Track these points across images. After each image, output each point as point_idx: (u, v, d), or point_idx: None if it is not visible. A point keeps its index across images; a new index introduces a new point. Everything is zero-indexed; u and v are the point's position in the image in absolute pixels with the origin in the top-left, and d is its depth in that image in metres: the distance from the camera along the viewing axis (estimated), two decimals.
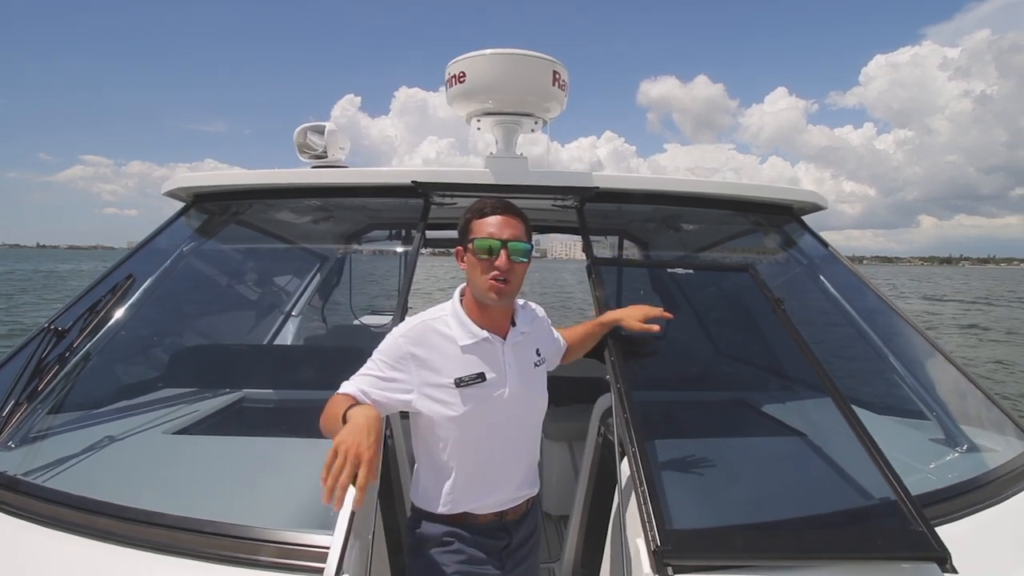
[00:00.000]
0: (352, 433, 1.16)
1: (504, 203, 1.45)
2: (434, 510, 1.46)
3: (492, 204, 1.44)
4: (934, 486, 1.73)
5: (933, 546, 1.33)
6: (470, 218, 1.45)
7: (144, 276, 2.51)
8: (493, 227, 1.40)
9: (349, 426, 1.18)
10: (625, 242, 3.99)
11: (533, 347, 1.55)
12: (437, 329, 1.43)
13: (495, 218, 1.42)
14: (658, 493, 1.43)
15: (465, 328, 1.43)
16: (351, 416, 1.22)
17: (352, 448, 1.12)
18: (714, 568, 1.31)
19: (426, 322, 1.44)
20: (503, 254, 1.38)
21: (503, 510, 1.49)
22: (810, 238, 2.83)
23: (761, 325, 2.30)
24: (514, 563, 1.53)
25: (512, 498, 1.51)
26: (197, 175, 2.75)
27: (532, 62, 2.34)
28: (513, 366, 1.46)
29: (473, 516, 1.45)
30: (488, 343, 1.44)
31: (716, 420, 2.15)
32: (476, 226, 1.42)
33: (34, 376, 1.97)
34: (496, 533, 1.49)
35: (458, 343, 1.41)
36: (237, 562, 1.36)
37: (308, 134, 2.59)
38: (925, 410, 2.25)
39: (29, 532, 1.51)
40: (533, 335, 1.56)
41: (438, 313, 1.47)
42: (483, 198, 1.48)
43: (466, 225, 1.45)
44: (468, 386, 1.39)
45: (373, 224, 3.80)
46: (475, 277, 1.41)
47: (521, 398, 1.45)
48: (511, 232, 1.41)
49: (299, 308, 3.93)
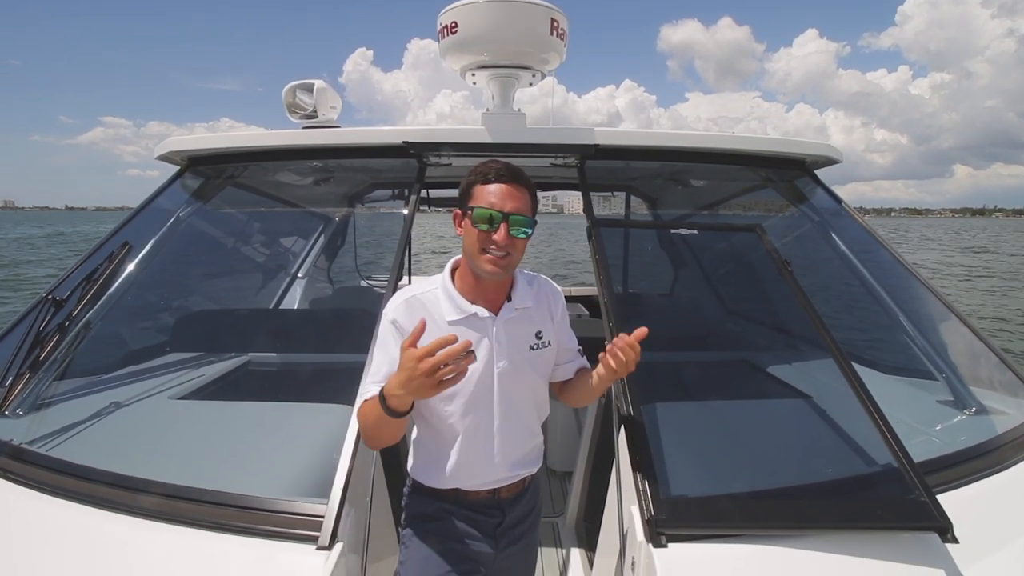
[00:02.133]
0: (402, 379, 1.11)
1: (512, 170, 1.32)
2: (425, 483, 1.44)
3: (498, 170, 1.31)
4: (938, 451, 1.70)
5: (934, 515, 1.31)
6: (472, 181, 1.33)
7: (142, 242, 2.50)
8: (495, 196, 1.29)
9: (395, 385, 1.13)
10: (632, 198, 3.89)
11: (533, 328, 1.43)
12: (424, 303, 1.36)
13: (499, 186, 1.30)
14: (653, 462, 1.42)
15: (453, 302, 1.36)
16: (388, 392, 1.17)
17: (416, 374, 1.08)
18: (710, 537, 1.31)
19: (416, 296, 1.37)
20: (503, 228, 1.27)
21: (496, 487, 1.45)
22: (823, 193, 2.72)
23: (766, 285, 2.25)
24: (508, 541, 1.49)
25: (506, 476, 1.45)
26: (189, 138, 2.69)
27: (528, 9, 2.20)
28: (504, 344, 1.37)
29: (464, 492, 1.43)
30: (477, 319, 1.36)
31: (718, 382, 2.13)
32: (477, 192, 1.31)
33: (36, 345, 1.98)
34: (489, 510, 1.45)
35: (445, 318, 1.34)
36: (233, 530, 1.38)
37: (297, 93, 2.48)
38: (934, 371, 2.20)
39: (32, 500, 1.55)
40: (534, 314, 1.44)
41: (428, 286, 1.40)
42: (489, 161, 1.35)
43: (467, 189, 1.34)
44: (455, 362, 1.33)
45: (375, 184, 3.72)
46: (471, 246, 1.31)
47: (512, 378, 1.38)
48: (514, 204, 1.29)
49: (304, 270, 3.91)
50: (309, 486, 1.51)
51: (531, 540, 1.58)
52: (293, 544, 1.34)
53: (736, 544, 1.29)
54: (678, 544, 1.28)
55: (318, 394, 1.97)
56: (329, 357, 2.49)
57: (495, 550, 1.46)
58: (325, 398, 1.87)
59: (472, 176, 1.34)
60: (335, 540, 1.33)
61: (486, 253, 1.29)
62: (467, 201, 1.33)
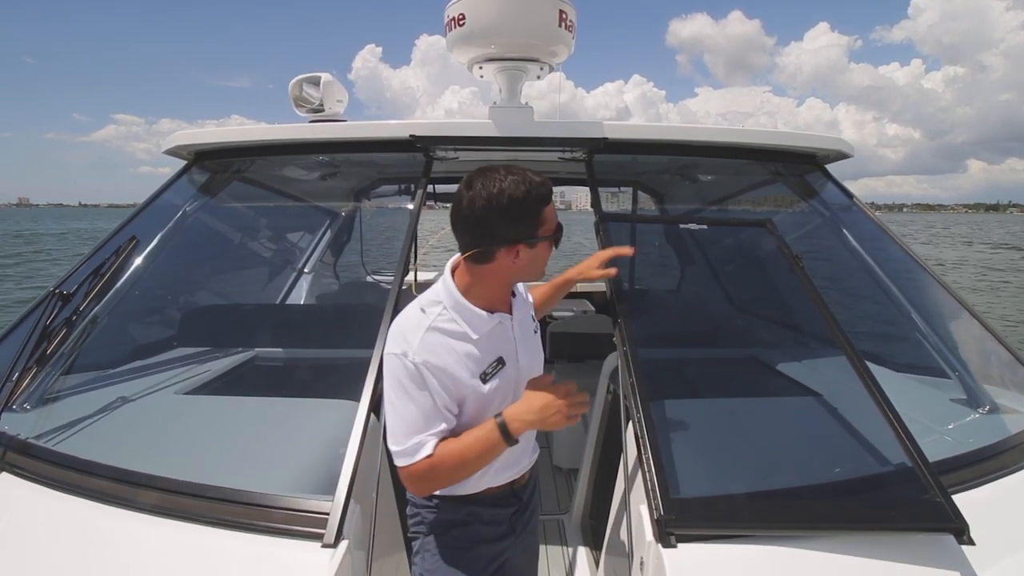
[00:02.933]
0: (542, 404, 1.23)
1: (540, 173, 1.24)
2: (453, 492, 1.41)
3: (545, 183, 1.22)
4: (953, 450, 1.67)
5: (950, 516, 1.28)
6: (540, 205, 1.21)
7: (149, 236, 2.50)
8: (553, 208, 1.27)
9: (525, 411, 1.23)
10: (640, 194, 3.85)
11: (528, 313, 1.49)
12: (443, 331, 1.26)
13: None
14: (662, 460, 1.40)
15: (475, 317, 1.29)
16: (513, 418, 1.23)
17: (560, 404, 1.21)
18: (720, 537, 1.29)
19: (431, 328, 1.26)
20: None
21: (515, 479, 1.48)
22: (833, 188, 2.69)
23: (777, 281, 2.22)
24: (523, 524, 1.54)
25: (525, 464, 1.52)
26: (196, 132, 2.69)
27: (536, 1, 2.17)
28: (520, 339, 1.39)
29: (488, 490, 1.44)
30: (500, 325, 1.34)
31: (727, 380, 2.11)
32: (549, 213, 1.25)
33: (43, 339, 1.98)
34: (508, 500, 1.48)
35: (471, 336, 1.28)
36: (238, 526, 1.37)
37: (304, 86, 2.47)
38: (947, 368, 2.16)
39: (38, 495, 1.55)
40: (521, 299, 1.47)
41: (433, 308, 1.28)
42: (523, 173, 1.20)
43: (536, 212, 1.22)
44: (493, 377, 1.30)
45: (382, 179, 3.71)
46: (536, 267, 1.29)
47: (529, 368, 1.41)
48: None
49: (310, 265, 3.91)
50: (315, 482, 1.50)
51: (537, 517, 1.65)
52: (298, 541, 1.33)
53: (747, 545, 1.27)
54: (688, 544, 1.26)
55: (324, 390, 1.96)
56: (335, 352, 2.48)
57: (515, 535, 1.51)
58: (331, 394, 1.87)
59: (535, 201, 1.21)
60: (340, 537, 1.32)
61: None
62: (536, 228, 1.23)
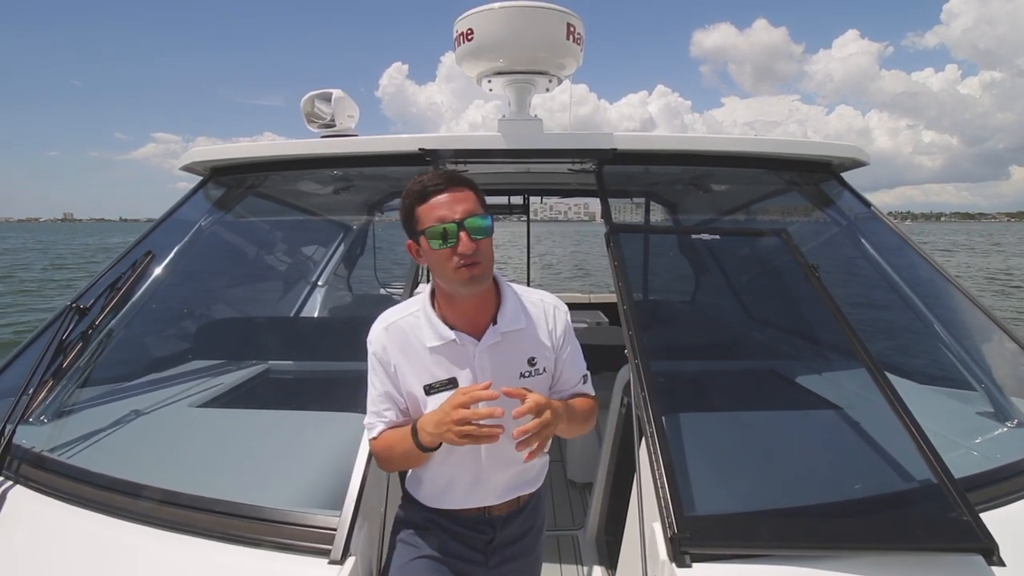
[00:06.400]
0: (436, 419, 1.17)
1: (446, 175, 1.23)
2: (416, 496, 1.41)
3: (431, 180, 1.22)
4: (980, 466, 1.61)
5: (979, 536, 1.23)
6: (411, 204, 1.22)
7: (165, 251, 2.54)
8: (442, 208, 1.19)
9: (429, 423, 1.19)
10: (653, 204, 3.83)
11: (524, 353, 1.31)
12: (404, 330, 1.30)
13: (441, 197, 1.20)
14: (676, 477, 1.36)
15: (433, 328, 1.28)
16: (420, 427, 1.21)
17: (448, 419, 1.14)
18: (736, 557, 1.25)
19: (395, 324, 1.31)
20: (462, 236, 1.17)
21: (487, 506, 1.39)
22: (850, 196, 2.64)
23: (793, 292, 2.17)
24: (501, 559, 1.42)
25: (496, 499, 1.39)
26: (211, 148, 2.74)
27: (544, 15, 2.18)
28: (488, 372, 1.26)
29: (453, 511, 1.39)
30: (456, 345, 1.27)
31: (743, 393, 2.06)
32: (422, 213, 1.21)
33: (59, 353, 2.01)
34: (479, 527, 1.40)
35: (425, 344, 1.28)
36: (245, 542, 1.37)
37: (316, 102, 2.51)
38: (972, 381, 2.10)
39: (50, 508, 1.56)
40: (524, 338, 1.32)
41: (410, 309, 1.32)
42: (417, 176, 1.25)
43: (410, 214, 1.23)
44: (439, 392, 1.26)
45: (394, 193, 3.74)
46: (440, 269, 1.22)
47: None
48: (463, 208, 1.19)
49: (324, 279, 3.94)
50: (324, 496, 1.50)
51: (533, 558, 1.51)
52: (305, 557, 1.32)
53: (765, 565, 1.23)
54: (703, 564, 1.23)
55: (335, 403, 1.96)
56: (348, 365, 2.48)
57: (485, 566, 1.41)
58: (342, 407, 1.86)
59: (408, 200, 1.24)
60: (347, 554, 1.31)
61: (457, 269, 1.19)
62: (415, 226, 1.23)
